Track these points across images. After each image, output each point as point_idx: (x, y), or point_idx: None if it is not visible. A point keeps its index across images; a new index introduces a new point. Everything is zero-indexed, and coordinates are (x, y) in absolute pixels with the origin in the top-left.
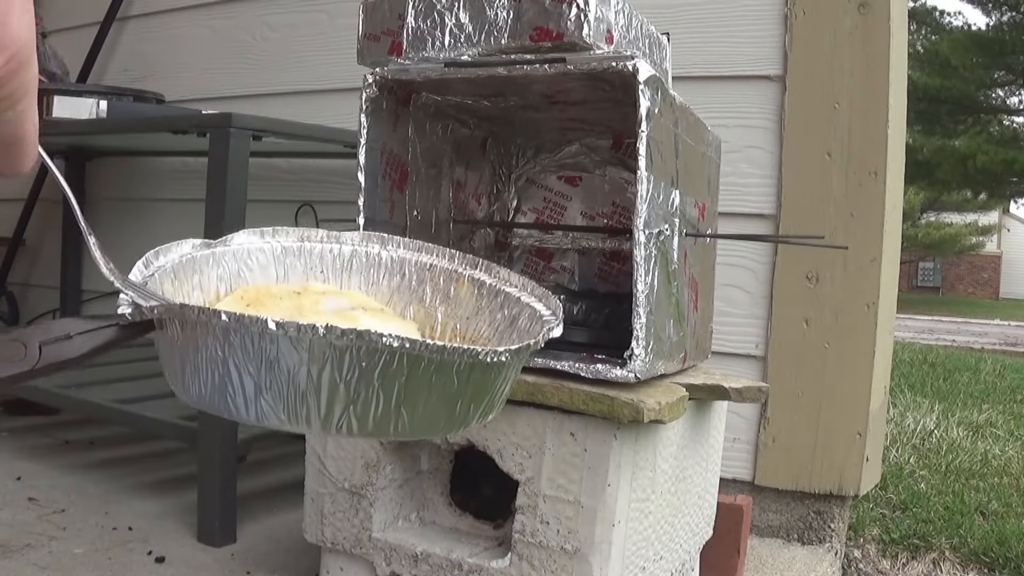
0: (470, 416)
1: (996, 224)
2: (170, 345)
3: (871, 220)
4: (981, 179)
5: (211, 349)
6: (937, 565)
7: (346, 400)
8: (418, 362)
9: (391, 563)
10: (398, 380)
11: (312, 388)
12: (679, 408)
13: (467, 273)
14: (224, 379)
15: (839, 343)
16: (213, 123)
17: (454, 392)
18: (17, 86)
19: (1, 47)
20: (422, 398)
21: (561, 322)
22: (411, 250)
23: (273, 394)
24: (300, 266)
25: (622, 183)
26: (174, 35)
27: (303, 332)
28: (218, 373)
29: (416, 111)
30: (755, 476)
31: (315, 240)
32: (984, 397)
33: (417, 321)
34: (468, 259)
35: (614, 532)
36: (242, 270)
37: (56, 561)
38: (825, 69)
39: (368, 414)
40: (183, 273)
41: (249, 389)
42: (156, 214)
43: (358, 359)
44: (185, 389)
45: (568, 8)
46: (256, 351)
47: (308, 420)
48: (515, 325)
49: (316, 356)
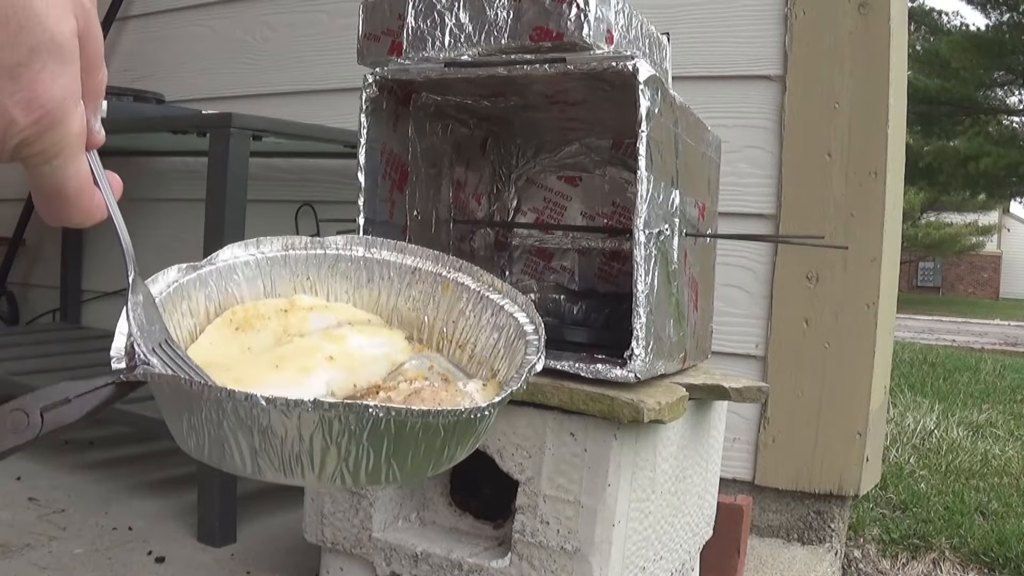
0: (458, 455)
1: (996, 224)
2: (167, 401)
3: (871, 220)
4: (983, 183)
5: (207, 412)
6: (937, 565)
7: (337, 458)
8: (404, 424)
9: (391, 563)
10: (386, 439)
11: (305, 449)
12: (679, 408)
13: (452, 276)
14: (220, 441)
15: (839, 343)
16: (213, 123)
17: (441, 441)
18: (49, 144)
19: (31, 107)
20: (411, 451)
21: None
22: (395, 252)
23: (269, 455)
24: (287, 275)
25: (622, 183)
26: (174, 35)
27: (292, 407)
28: (214, 433)
29: (416, 111)
30: (755, 476)
31: (299, 248)
32: (984, 397)
33: (404, 325)
34: (451, 261)
35: (614, 532)
36: (229, 286)
37: (56, 561)
38: (825, 69)
39: (360, 469)
40: (171, 303)
41: (245, 450)
42: (156, 214)
43: (347, 424)
44: (184, 442)
45: (568, 8)
46: (249, 419)
47: (303, 476)
48: (503, 335)
49: (306, 424)
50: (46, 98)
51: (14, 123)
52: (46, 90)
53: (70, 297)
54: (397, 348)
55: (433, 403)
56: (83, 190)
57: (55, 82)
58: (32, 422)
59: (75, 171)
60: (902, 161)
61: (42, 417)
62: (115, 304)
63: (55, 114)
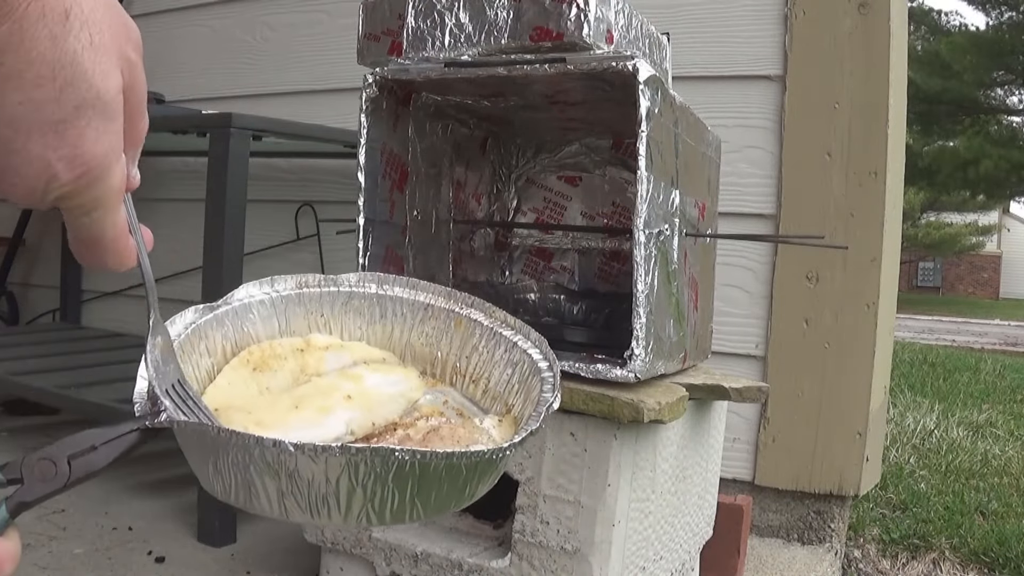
0: (479, 491)
1: (996, 224)
2: (192, 445)
3: (871, 220)
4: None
5: (233, 456)
6: (937, 565)
7: (363, 499)
8: (429, 466)
9: (391, 563)
10: (411, 480)
11: (332, 491)
12: (679, 408)
13: (465, 312)
14: (247, 483)
15: (839, 343)
16: (213, 123)
17: (463, 480)
18: (90, 198)
19: (73, 163)
20: (434, 490)
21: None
22: (408, 289)
23: (296, 498)
24: (301, 312)
25: (622, 183)
26: (174, 35)
27: (320, 452)
28: (242, 477)
29: (416, 111)
30: (755, 476)
31: (312, 285)
32: (984, 397)
33: (417, 361)
34: (464, 298)
35: (614, 532)
36: (245, 325)
37: (56, 561)
38: (825, 69)
39: (385, 508)
40: (189, 344)
41: (273, 493)
42: (156, 214)
43: (372, 467)
44: (210, 485)
45: (568, 8)
46: (276, 463)
47: (330, 516)
48: (516, 370)
49: (333, 467)
50: (90, 156)
51: (56, 178)
52: (90, 147)
53: (70, 297)
54: (412, 385)
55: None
56: (119, 239)
57: (99, 140)
58: (60, 471)
59: (112, 223)
60: (902, 161)
61: (70, 465)
62: (115, 304)
63: (97, 171)
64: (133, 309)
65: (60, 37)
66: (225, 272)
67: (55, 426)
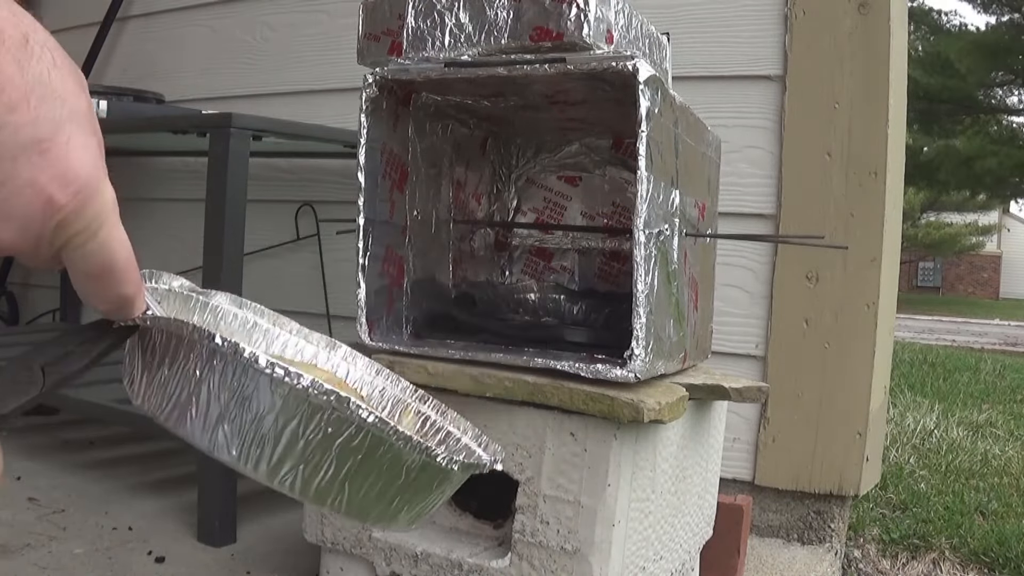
0: (399, 517)
1: (996, 224)
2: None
3: (871, 220)
4: (988, 181)
5: (189, 366)
6: (937, 565)
7: (299, 459)
8: (379, 444)
9: (391, 563)
10: (354, 456)
11: (272, 435)
12: (679, 408)
13: (415, 405)
14: (190, 398)
15: (839, 343)
16: (213, 123)
17: (397, 486)
18: (92, 217)
19: (66, 182)
20: (368, 480)
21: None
22: (370, 371)
23: (233, 428)
24: (264, 346)
25: (622, 183)
26: (174, 35)
27: (288, 377)
28: (187, 391)
29: (416, 111)
30: (755, 476)
31: (285, 329)
32: (984, 397)
33: None
34: (420, 394)
35: (614, 532)
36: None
37: (56, 561)
38: (825, 69)
39: (314, 479)
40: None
41: (212, 415)
42: (156, 214)
43: (327, 423)
44: (143, 398)
45: (568, 8)
46: (235, 380)
47: (256, 465)
48: None
49: (289, 406)
50: (80, 169)
51: (52, 202)
52: (78, 160)
53: (70, 297)
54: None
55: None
56: (131, 259)
57: (84, 153)
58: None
59: (120, 240)
60: (902, 161)
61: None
62: None
63: (92, 183)
64: None
65: (24, 61)
66: (225, 272)
67: (55, 426)
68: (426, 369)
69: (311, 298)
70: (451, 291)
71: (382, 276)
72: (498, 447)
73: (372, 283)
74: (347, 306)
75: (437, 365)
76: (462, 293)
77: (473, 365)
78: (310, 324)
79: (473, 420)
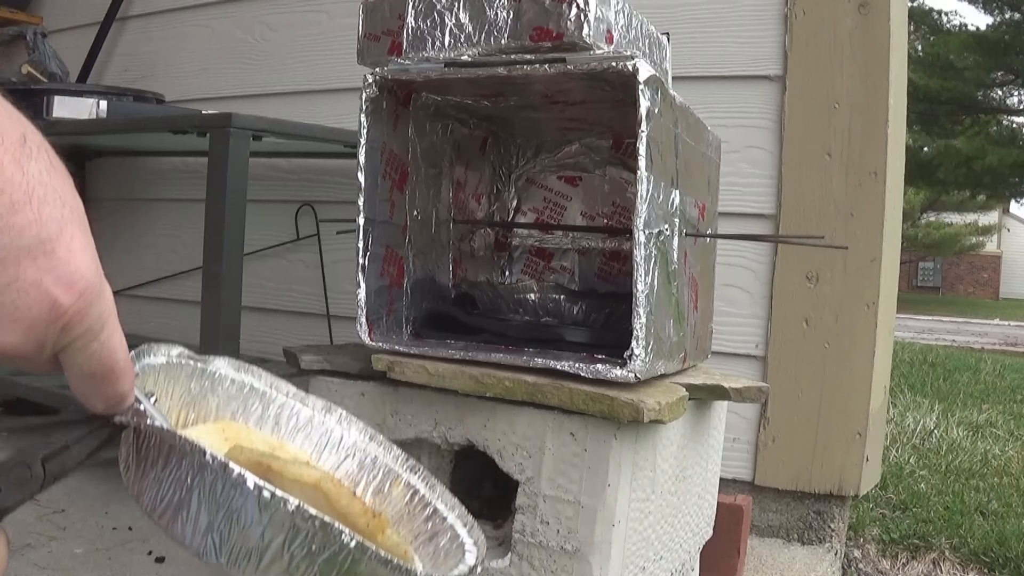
0: None
1: (996, 224)
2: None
3: (871, 220)
4: (987, 181)
5: (182, 473)
6: (937, 565)
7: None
8: (359, 563)
9: None
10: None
11: (259, 548)
12: (679, 408)
13: (405, 477)
14: (182, 502)
15: (839, 343)
16: (213, 123)
17: None
18: (95, 318)
19: (70, 284)
20: None
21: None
22: (364, 436)
23: (222, 537)
24: (259, 410)
25: (622, 183)
26: (174, 35)
27: (274, 500)
28: (179, 495)
29: (416, 111)
30: (755, 476)
31: (281, 392)
32: (984, 397)
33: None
34: (410, 463)
35: (614, 532)
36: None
37: (56, 561)
38: (825, 69)
39: None
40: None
41: (202, 523)
42: (156, 214)
43: (311, 541)
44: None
45: (568, 8)
46: (223, 496)
47: (244, 571)
48: (434, 541)
49: (276, 524)
50: (85, 270)
51: (57, 304)
52: (82, 261)
53: None
54: None
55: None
56: (129, 360)
57: (87, 253)
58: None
59: (121, 341)
60: (902, 161)
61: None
62: None
63: (95, 285)
64: (132, 309)
65: (23, 160)
66: (225, 272)
67: (55, 426)
68: (426, 369)
69: (311, 298)
70: (451, 291)
71: (382, 276)
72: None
73: (372, 283)
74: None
75: (437, 365)
76: (462, 293)
77: (473, 365)
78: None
79: (473, 420)
